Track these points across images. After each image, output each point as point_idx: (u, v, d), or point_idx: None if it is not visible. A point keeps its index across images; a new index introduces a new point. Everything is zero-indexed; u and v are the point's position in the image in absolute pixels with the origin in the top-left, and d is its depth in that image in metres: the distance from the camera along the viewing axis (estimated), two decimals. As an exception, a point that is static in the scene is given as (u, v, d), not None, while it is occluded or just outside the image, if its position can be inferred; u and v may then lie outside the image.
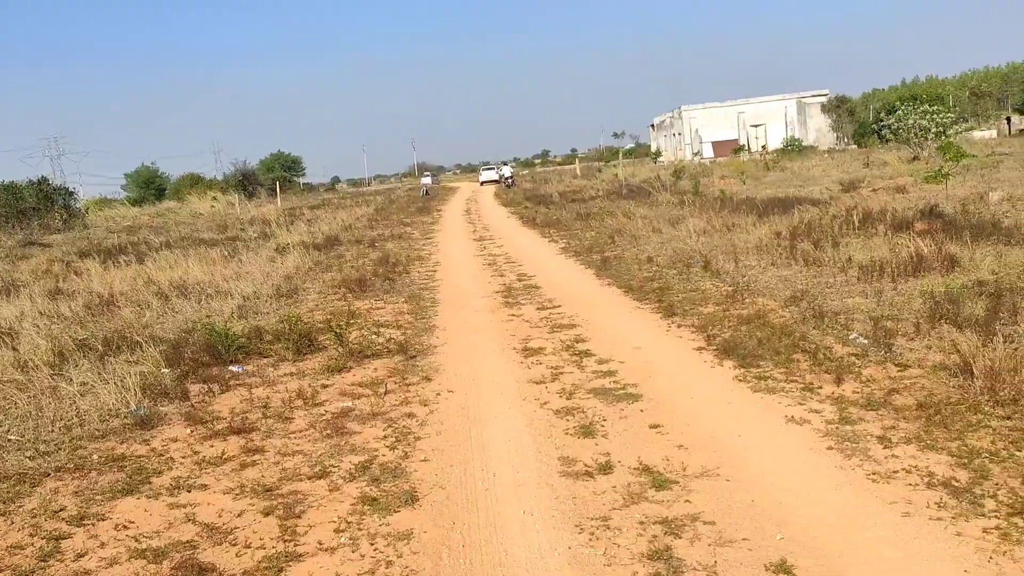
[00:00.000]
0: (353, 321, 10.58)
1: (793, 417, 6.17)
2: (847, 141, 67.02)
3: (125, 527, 5.14)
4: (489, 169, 69.81)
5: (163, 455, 6.43)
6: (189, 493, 5.66)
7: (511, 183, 55.63)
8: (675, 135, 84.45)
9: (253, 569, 4.54)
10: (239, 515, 5.24)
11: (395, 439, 6.48)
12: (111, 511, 5.39)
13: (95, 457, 6.37)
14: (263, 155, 78.03)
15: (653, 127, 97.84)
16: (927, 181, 19.68)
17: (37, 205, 35.79)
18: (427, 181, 70.59)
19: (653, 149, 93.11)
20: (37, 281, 16.45)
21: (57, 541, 4.97)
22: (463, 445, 6.32)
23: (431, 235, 25.19)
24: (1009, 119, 60.66)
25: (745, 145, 70.62)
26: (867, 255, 11.69)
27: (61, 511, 5.39)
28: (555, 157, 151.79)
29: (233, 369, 8.81)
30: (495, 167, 69.37)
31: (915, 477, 4.96)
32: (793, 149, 56.95)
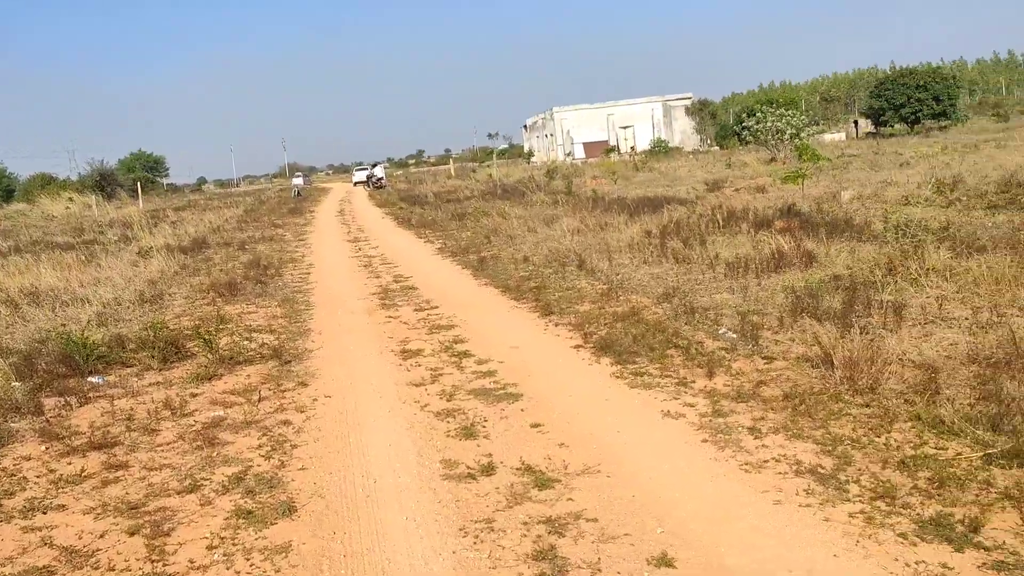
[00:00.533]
0: (223, 326, 10.15)
1: (669, 411, 6.33)
2: (710, 143, 69.83)
3: (-29, 556, 4.73)
4: (362, 169, 68.53)
5: (15, 475, 5.97)
6: (45, 515, 5.27)
7: (382, 184, 54.99)
8: (547, 136, 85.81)
9: (118, 594, 4.26)
10: (101, 536, 4.92)
11: (271, 448, 6.25)
12: (-46, 540, 4.95)
13: (-65, 481, 5.84)
14: (123, 155, 74.28)
15: (526, 128, 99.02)
16: (785, 181, 20.67)
17: None
18: (298, 182, 68.93)
19: (526, 150, 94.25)
20: None
21: None
22: (342, 451, 6.16)
23: (304, 237, 24.59)
24: (856, 122, 64.61)
25: (615, 146, 72.51)
26: (733, 252, 12.18)
27: None
28: (429, 158, 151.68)
29: (93, 380, 8.29)
30: (368, 167, 68.31)
31: (784, 466, 5.17)
32: (660, 150, 58.92)
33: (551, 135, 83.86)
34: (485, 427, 6.39)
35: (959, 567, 3.88)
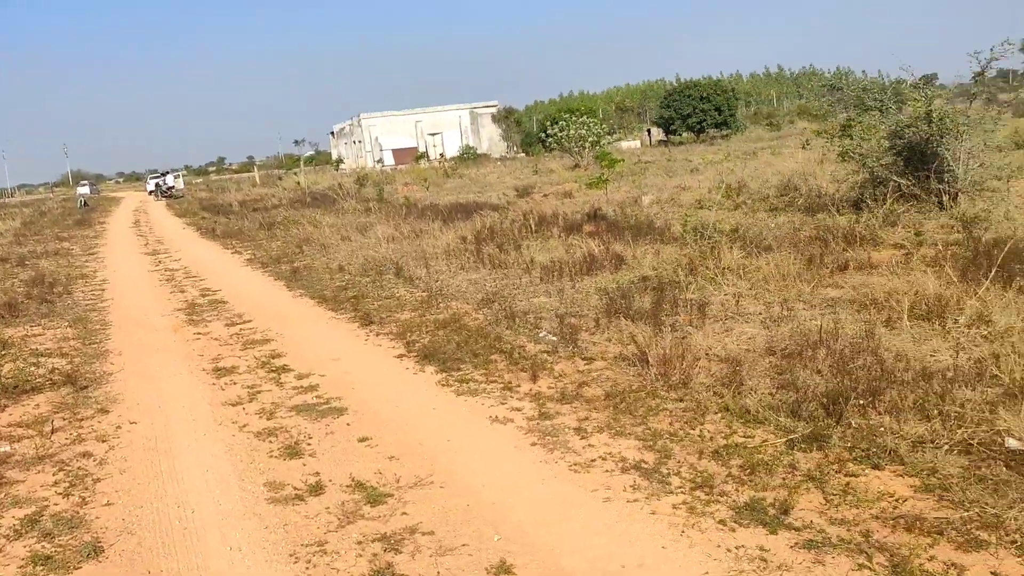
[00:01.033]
0: (4, 352, 9.19)
1: (497, 417, 6.37)
2: (516, 149, 71.53)
3: None
4: (157, 177, 64.50)
5: None
6: None
7: (176, 194, 52.11)
8: (356, 143, 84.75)
9: None
10: None
11: (69, 484, 5.71)
12: None
13: None
14: None
15: (333, 135, 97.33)
16: (590, 187, 21.51)
17: None
18: (84, 191, 64.01)
19: (335, 157, 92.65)
20: None
21: None
22: (153, 482, 5.72)
23: (95, 250, 22.79)
24: (650, 131, 68.36)
25: (425, 153, 72.71)
26: (546, 256, 12.49)
27: None
28: (231, 165, 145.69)
29: None
30: (163, 176, 64.18)
31: (610, 463, 5.33)
32: (469, 157, 59.73)
33: (359, 142, 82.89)
34: (310, 444, 6.15)
35: (774, 548, 4.14)
